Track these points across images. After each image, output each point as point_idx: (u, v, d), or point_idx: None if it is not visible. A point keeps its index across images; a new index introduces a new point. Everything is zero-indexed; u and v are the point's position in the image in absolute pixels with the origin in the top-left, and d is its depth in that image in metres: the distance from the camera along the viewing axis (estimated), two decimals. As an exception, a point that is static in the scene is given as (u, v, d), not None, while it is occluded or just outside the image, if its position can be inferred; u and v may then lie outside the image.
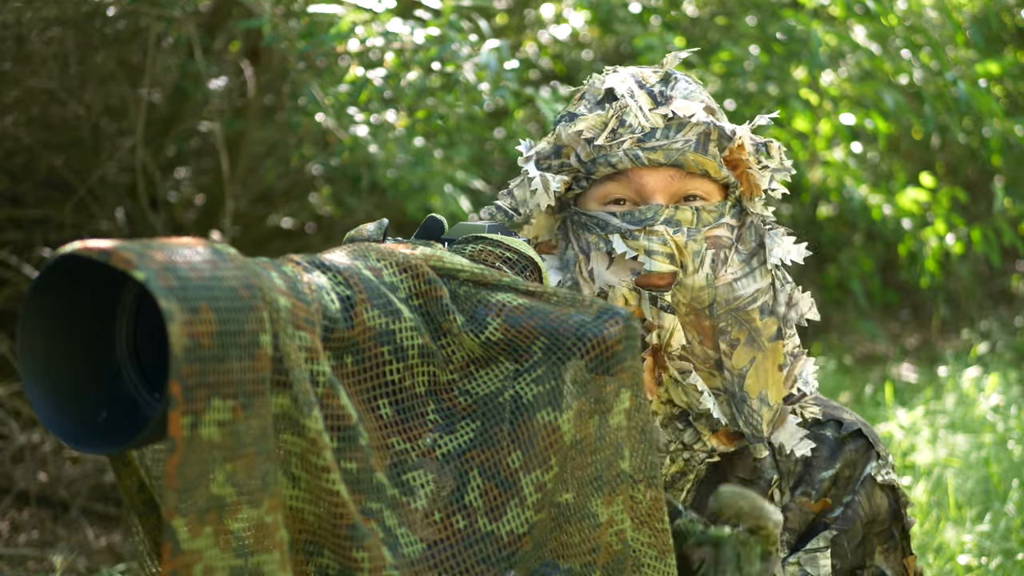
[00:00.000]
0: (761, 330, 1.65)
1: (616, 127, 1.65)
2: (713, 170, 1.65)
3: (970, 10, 5.16)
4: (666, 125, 1.64)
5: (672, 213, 1.63)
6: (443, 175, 3.65)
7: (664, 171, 1.64)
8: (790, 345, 1.68)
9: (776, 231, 1.70)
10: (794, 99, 4.28)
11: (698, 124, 1.64)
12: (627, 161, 1.64)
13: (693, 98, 1.67)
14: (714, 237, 1.64)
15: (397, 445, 1.30)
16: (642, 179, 1.64)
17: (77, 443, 1.15)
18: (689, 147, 1.63)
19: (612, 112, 1.67)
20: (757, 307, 1.65)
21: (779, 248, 1.68)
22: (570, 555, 1.32)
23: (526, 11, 4.79)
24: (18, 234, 4.08)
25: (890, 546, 1.69)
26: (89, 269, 1.13)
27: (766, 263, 1.67)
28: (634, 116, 1.65)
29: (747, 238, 1.68)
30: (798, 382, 1.69)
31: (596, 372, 1.32)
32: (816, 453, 1.68)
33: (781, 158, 1.71)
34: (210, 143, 4.33)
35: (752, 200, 1.70)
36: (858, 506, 1.67)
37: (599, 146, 1.65)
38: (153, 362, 1.19)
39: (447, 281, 1.39)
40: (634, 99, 1.67)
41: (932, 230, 5.18)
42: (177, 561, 1.05)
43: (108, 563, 3.32)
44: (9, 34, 3.55)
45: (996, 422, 4.39)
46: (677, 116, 1.64)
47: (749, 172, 1.68)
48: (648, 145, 1.63)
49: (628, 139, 1.64)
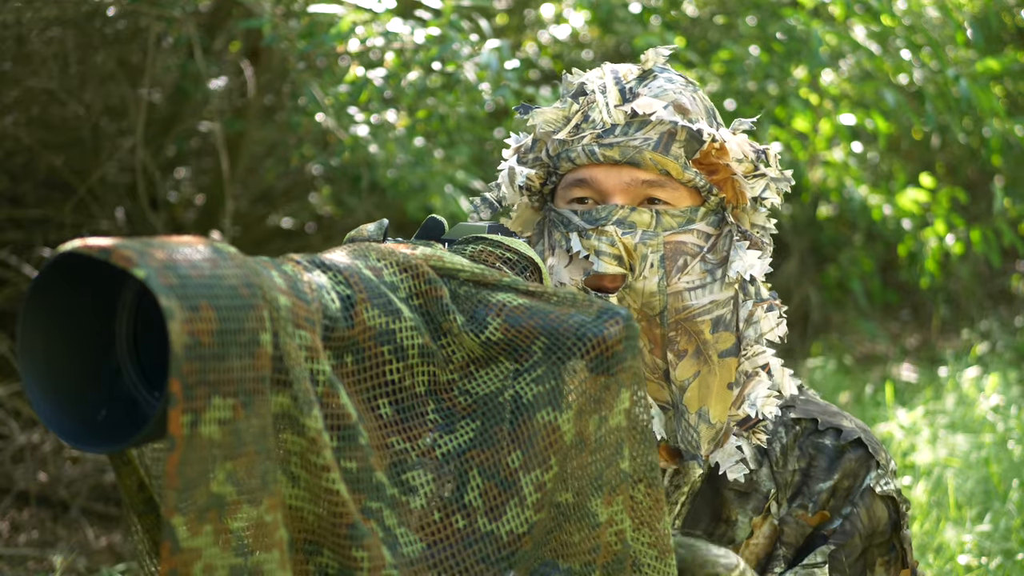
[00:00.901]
0: (710, 343, 1.59)
1: (580, 122, 1.62)
2: (675, 171, 1.59)
3: (970, 10, 5.16)
4: (627, 122, 1.60)
5: (627, 214, 1.58)
6: (443, 175, 3.64)
7: (623, 171, 1.59)
8: (747, 364, 1.62)
9: (742, 244, 1.63)
10: (794, 99, 4.28)
11: (662, 123, 1.59)
12: (584, 157, 1.60)
13: (664, 96, 1.62)
14: (676, 243, 1.59)
15: (397, 445, 1.30)
16: (600, 177, 1.60)
17: (77, 442, 1.15)
18: (648, 145, 1.58)
19: (577, 107, 1.64)
20: (710, 319, 1.59)
21: (740, 261, 1.61)
22: (570, 555, 1.32)
23: (526, 11, 4.79)
24: (18, 234, 4.08)
25: (891, 558, 1.65)
26: (89, 267, 1.13)
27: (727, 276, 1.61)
28: (598, 112, 1.61)
29: (720, 248, 1.62)
30: (744, 404, 1.61)
31: (596, 372, 1.32)
32: (814, 463, 1.64)
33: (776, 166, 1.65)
34: (210, 143, 4.33)
35: (739, 209, 1.65)
36: (856, 519, 1.62)
37: (562, 140, 1.63)
38: (153, 361, 1.19)
39: (447, 281, 1.39)
40: (604, 95, 1.63)
41: (932, 230, 5.18)
42: (176, 559, 1.05)
43: (108, 563, 3.32)
44: (9, 34, 3.55)
45: (996, 422, 4.39)
46: (638, 114, 1.59)
47: (734, 179, 1.62)
48: (605, 141, 1.59)
49: (588, 135, 1.61)
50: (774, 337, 1.64)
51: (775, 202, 1.65)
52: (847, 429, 1.66)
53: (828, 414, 1.68)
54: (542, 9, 4.42)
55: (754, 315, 1.62)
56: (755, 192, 1.64)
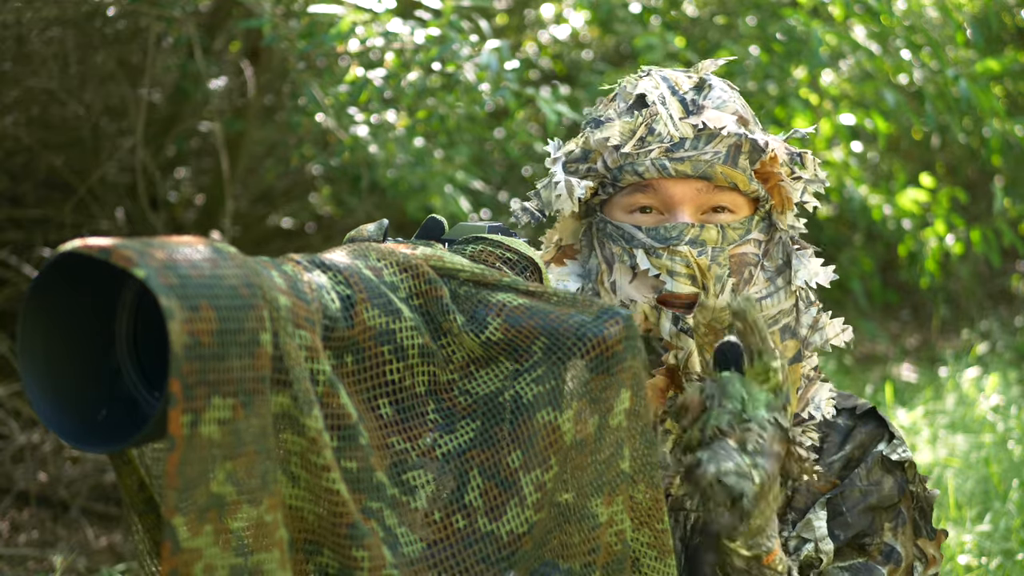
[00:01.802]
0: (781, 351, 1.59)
1: (645, 135, 1.62)
2: (743, 183, 1.61)
3: (970, 10, 5.16)
4: (696, 136, 1.61)
5: (697, 233, 1.60)
6: (443, 175, 3.65)
7: (691, 183, 1.61)
8: (807, 368, 1.66)
9: (804, 252, 1.66)
10: (794, 99, 4.28)
11: (729, 136, 1.60)
12: (654, 171, 1.61)
13: (726, 108, 1.63)
14: (739, 255, 1.61)
15: (397, 445, 1.30)
16: (669, 190, 1.61)
17: (77, 442, 1.15)
18: (718, 159, 1.60)
19: (641, 119, 1.63)
20: (778, 329, 1.62)
21: (805, 270, 1.65)
22: (570, 555, 1.32)
23: (526, 11, 4.79)
24: (18, 234, 4.08)
25: (898, 523, 1.65)
26: (89, 267, 1.13)
27: (791, 283, 1.64)
28: (663, 125, 1.62)
29: (774, 255, 1.65)
30: (809, 406, 1.65)
31: (596, 372, 1.32)
32: (827, 441, 1.67)
33: (816, 169, 1.67)
34: (210, 143, 4.33)
35: (783, 213, 1.67)
36: (856, 476, 1.65)
37: (626, 153, 1.62)
38: (153, 361, 1.19)
39: (447, 281, 1.39)
40: (665, 106, 1.63)
41: (932, 230, 5.18)
42: (177, 559, 1.05)
43: (108, 563, 3.32)
44: (9, 34, 3.55)
45: (996, 422, 4.39)
46: (707, 127, 1.61)
47: (781, 184, 1.65)
48: (676, 156, 1.60)
49: (656, 148, 1.61)
50: (839, 342, 1.67)
51: (815, 204, 1.67)
52: (860, 405, 1.70)
53: (843, 398, 1.72)
54: (542, 9, 4.43)
55: (819, 321, 1.66)
56: (797, 196, 1.66)
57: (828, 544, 1.61)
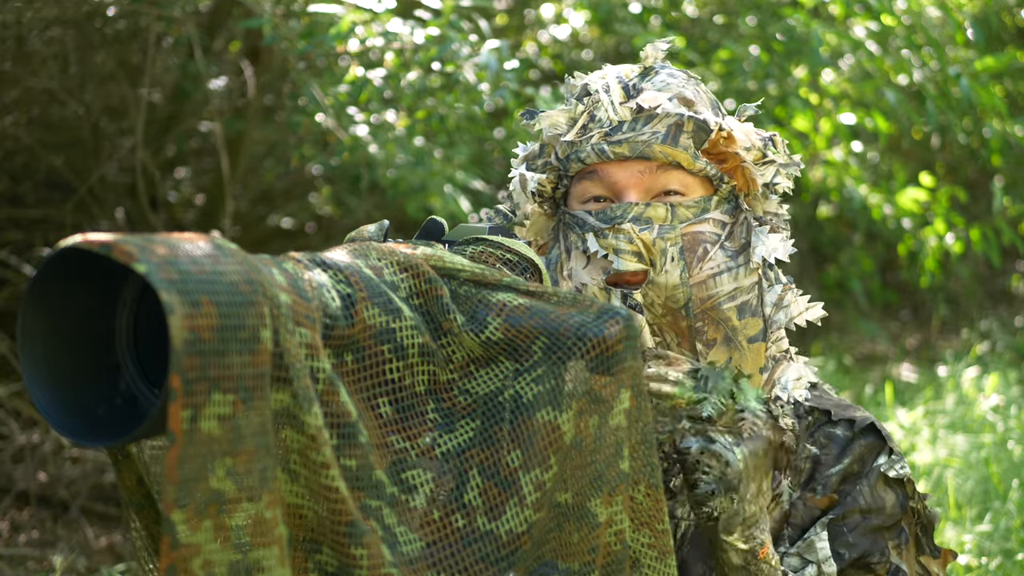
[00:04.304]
0: (739, 330, 1.61)
1: (587, 122, 1.63)
2: (686, 162, 1.61)
3: (970, 9, 5.15)
4: (634, 118, 1.62)
5: (642, 210, 1.59)
6: (443, 175, 3.65)
7: (632, 164, 1.61)
8: (774, 348, 1.65)
9: (763, 228, 1.65)
10: (794, 98, 4.28)
11: (668, 116, 1.61)
12: (594, 156, 1.62)
13: (668, 90, 1.64)
14: (694, 233, 1.61)
15: (396, 443, 1.30)
16: (612, 175, 1.62)
17: (77, 437, 1.15)
18: (656, 139, 1.60)
19: (583, 108, 1.65)
20: (735, 306, 1.61)
21: (763, 246, 1.64)
22: (569, 555, 1.32)
23: (526, 11, 4.79)
24: (18, 234, 4.08)
25: (901, 542, 1.64)
26: (90, 263, 1.13)
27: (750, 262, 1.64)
28: (604, 110, 1.63)
29: (737, 235, 1.64)
30: (776, 387, 1.64)
31: (596, 372, 1.32)
32: (825, 452, 1.65)
33: (784, 151, 1.67)
34: (210, 143, 4.33)
35: (751, 196, 1.67)
36: (859, 495, 1.63)
37: (570, 142, 1.64)
38: (153, 357, 1.19)
39: (447, 281, 1.39)
40: (608, 94, 1.64)
41: (932, 230, 5.18)
42: (175, 555, 1.05)
43: (108, 563, 3.32)
44: (9, 34, 3.55)
45: (996, 422, 4.39)
46: (644, 108, 1.61)
47: (744, 166, 1.64)
48: (614, 139, 1.61)
49: (596, 133, 1.62)
50: (809, 318, 1.67)
51: (787, 187, 1.67)
52: (860, 418, 1.68)
53: (841, 407, 1.70)
54: (542, 9, 4.42)
55: (784, 299, 1.65)
56: (766, 178, 1.66)
57: (831, 566, 1.59)
